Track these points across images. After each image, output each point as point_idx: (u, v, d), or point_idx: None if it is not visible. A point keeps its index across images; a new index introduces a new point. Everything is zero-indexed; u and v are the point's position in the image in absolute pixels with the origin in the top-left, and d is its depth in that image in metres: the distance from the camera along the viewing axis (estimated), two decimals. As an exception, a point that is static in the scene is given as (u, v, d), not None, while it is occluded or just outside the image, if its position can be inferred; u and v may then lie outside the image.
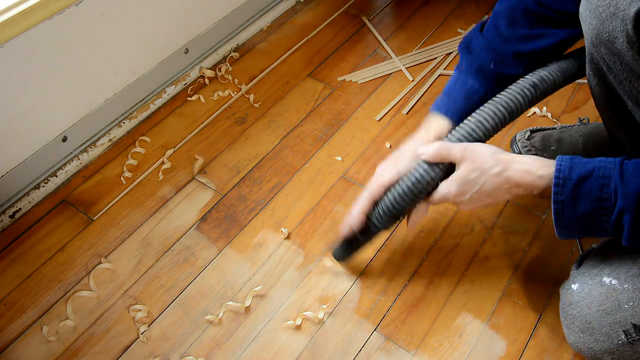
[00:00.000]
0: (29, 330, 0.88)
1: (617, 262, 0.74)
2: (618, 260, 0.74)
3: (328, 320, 0.89)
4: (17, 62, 0.90)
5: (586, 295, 0.75)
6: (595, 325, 0.74)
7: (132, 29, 1.07)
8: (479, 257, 0.95)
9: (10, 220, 1.00)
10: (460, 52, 0.87)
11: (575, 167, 0.68)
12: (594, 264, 0.77)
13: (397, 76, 1.23)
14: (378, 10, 1.39)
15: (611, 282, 0.73)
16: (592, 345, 0.75)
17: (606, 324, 0.73)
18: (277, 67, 1.26)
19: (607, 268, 0.74)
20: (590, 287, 0.75)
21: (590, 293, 0.74)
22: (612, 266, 0.74)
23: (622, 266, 0.73)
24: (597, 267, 0.76)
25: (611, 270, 0.74)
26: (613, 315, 0.72)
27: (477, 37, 0.85)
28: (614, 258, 0.75)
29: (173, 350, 0.86)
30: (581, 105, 1.16)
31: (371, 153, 1.10)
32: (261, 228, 0.99)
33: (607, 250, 0.77)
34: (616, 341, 0.73)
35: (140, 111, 1.15)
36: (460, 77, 0.85)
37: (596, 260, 0.77)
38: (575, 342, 0.78)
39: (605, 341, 0.74)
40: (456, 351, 0.85)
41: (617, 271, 0.73)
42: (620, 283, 0.72)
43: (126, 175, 1.06)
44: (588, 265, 0.77)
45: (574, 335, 0.77)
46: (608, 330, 0.73)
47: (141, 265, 0.95)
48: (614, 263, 0.74)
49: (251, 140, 1.12)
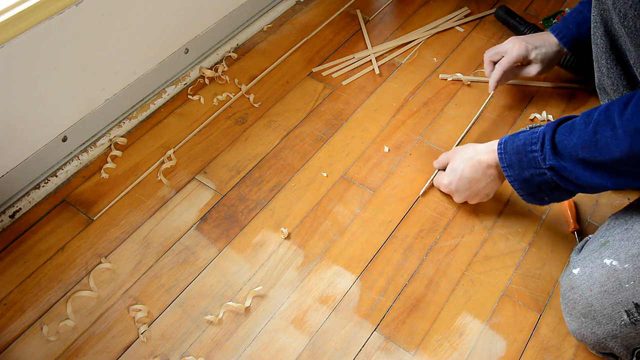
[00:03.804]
0: (29, 330, 0.88)
1: (617, 244, 0.75)
2: (618, 242, 0.75)
3: (328, 320, 0.89)
4: (17, 62, 0.90)
5: (587, 278, 0.75)
6: (597, 307, 0.74)
7: (132, 29, 1.07)
8: (479, 257, 0.95)
9: (10, 220, 1.00)
10: None
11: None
12: (594, 249, 0.78)
13: (398, 76, 1.23)
14: (378, 10, 1.39)
15: (612, 263, 0.74)
16: (595, 329, 0.75)
17: (608, 304, 0.73)
18: (277, 67, 1.26)
19: (607, 250, 0.75)
20: (592, 269, 0.76)
21: (592, 275, 0.75)
22: (612, 248, 0.75)
23: (622, 247, 0.74)
24: (597, 251, 0.77)
25: (611, 252, 0.75)
26: (615, 296, 0.73)
27: None
28: (614, 241, 0.76)
29: (173, 350, 0.86)
30: (581, 106, 1.16)
31: (371, 153, 1.10)
32: (261, 228, 0.99)
33: (607, 235, 0.78)
34: (619, 322, 0.73)
35: (140, 111, 1.15)
36: (578, 8, 1.04)
37: (596, 245, 0.78)
38: (578, 329, 0.78)
39: (608, 323, 0.74)
40: (456, 351, 0.85)
41: (617, 252, 0.74)
42: (620, 263, 0.73)
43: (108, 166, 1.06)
44: (588, 250, 0.79)
45: (577, 322, 0.77)
46: (610, 312, 0.73)
47: (141, 265, 0.95)
48: (614, 245, 0.75)
49: (251, 140, 1.12)
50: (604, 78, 0.92)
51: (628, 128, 0.68)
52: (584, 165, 0.74)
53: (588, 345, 0.80)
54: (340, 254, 0.96)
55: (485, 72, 1.13)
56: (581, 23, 1.03)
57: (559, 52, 1.07)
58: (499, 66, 1.08)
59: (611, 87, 0.91)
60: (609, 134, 0.70)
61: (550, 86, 1.20)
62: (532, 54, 1.06)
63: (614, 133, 0.69)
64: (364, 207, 1.02)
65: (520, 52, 1.06)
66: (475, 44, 1.30)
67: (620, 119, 0.69)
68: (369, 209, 1.01)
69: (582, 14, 1.03)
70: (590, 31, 0.97)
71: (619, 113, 0.69)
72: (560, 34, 1.05)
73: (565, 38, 1.05)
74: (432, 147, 1.10)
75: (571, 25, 1.04)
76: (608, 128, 0.70)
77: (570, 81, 1.20)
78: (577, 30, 1.04)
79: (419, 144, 1.11)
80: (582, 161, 0.74)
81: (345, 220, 1.00)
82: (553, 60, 1.09)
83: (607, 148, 0.70)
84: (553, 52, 1.07)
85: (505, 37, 1.31)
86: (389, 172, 1.07)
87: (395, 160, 1.08)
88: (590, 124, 0.72)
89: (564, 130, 0.76)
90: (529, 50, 1.06)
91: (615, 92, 0.91)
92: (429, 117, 1.15)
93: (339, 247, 0.97)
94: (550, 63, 1.09)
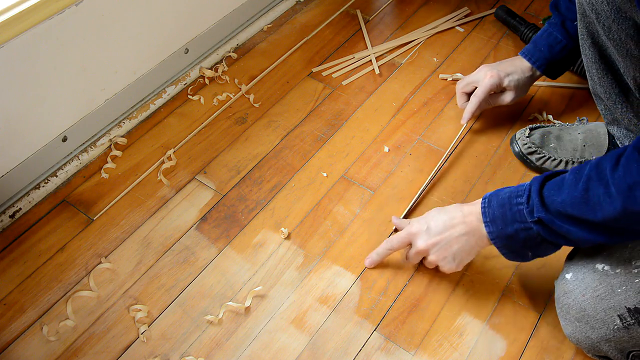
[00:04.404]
0: (29, 330, 0.88)
1: (608, 249, 0.75)
2: (610, 247, 0.75)
3: (328, 320, 0.89)
4: (17, 62, 0.90)
5: (580, 283, 0.76)
6: (590, 312, 0.74)
7: (132, 29, 1.07)
8: (479, 257, 0.95)
9: (10, 220, 1.00)
10: (551, 9, 1.04)
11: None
12: (586, 254, 0.78)
13: (398, 76, 1.23)
14: (378, 10, 1.39)
15: (604, 267, 0.74)
16: (589, 333, 0.76)
17: (601, 309, 0.73)
18: (277, 67, 1.26)
19: (599, 256, 0.76)
20: (584, 274, 0.76)
21: (584, 280, 0.75)
22: (603, 253, 0.75)
23: (614, 253, 0.74)
24: (590, 256, 0.77)
25: (603, 258, 0.75)
26: (607, 301, 0.73)
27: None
28: (606, 246, 0.76)
29: (173, 350, 0.86)
30: (581, 106, 1.16)
31: (371, 153, 1.10)
32: (261, 228, 0.99)
33: None
34: (612, 326, 0.73)
35: (140, 111, 1.16)
36: (547, 29, 1.03)
37: (588, 250, 0.78)
38: (573, 333, 0.78)
39: (601, 328, 0.74)
40: (456, 351, 0.85)
41: (609, 257, 0.74)
42: (612, 268, 0.73)
43: (108, 166, 1.06)
44: (580, 255, 0.79)
45: (571, 326, 0.78)
46: (603, 316, 0.73)
47: (141, 265, 0.95)
48: (605, 250, 0.75)
49: (251, 140, 1.12)
50: (596, 86, 0.92)
51: (621, 185, 0.65)
52: (573, 221, 0.70)
53: (583, 348, 0.80)
54: (340, 254, 0.96)
55: (459, 104, 1.12)
56: (553, 45, 1.02)
57: (531, 76, 1.06)
58: (474, 98, 1.06)
59: (604, 95, 0.91)
60: (602, 191, 0.67)
61: (550, 86, 1.20)
62: (505, 81, 1.05)
63: (606, 191, 0.66)
64: (364, 207, 1.02)
65: (493, 81, 1.04)
66: (475, 44, 1.30)
67: (612, 177, 0.66)
68: (369, 209, 1.01)
69: (552, 35, 1.02)
70: (562, 51, 1.02)
71: (611, 170, 0.66)
72: (533, 58, 1.04)
73: (538, 62, 1.04)
74: (432, 147, 1.10)
75: (542, 48, 1.03)
76: (601, 185, 0.67)
77: (570, 81, 1.20)
78: (550, 52, 1.03)
79: (419, 144, 1.11)
80: (571, 217, 0.70)
81: (345, 220, 1.00)
82: (527, 85, 1.07)
83: (600, 206, 0.67)
84: (525, 78, 1.06)
85: (506, 37, 1.31)
86: (389, 172, 1.07)
87: (395, 160, 1.08)
88: (581, 180, 0.69)
89: (552, 186, 0.72)
90: (502, 78, 1.05)
91: (609, 100, 0.91)
92: (429, 117, 1.15)
93: (339, 247, 0.97)
94: (524, 88, 1.07)
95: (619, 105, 0.91)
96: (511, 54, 1.26)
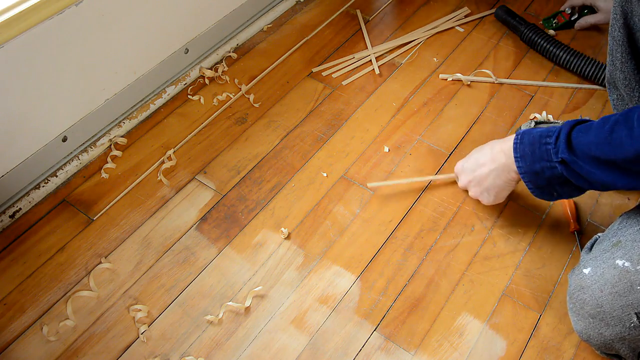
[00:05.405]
0: (29, 330, 0.88)
1: (629, 245, 0.74)
2: (631, 242, 0.74)
3: (328, 320, 0.89)
4: (17, 62, 0.90)
5: (599, 279, 0.75)
6: (607, 308, 0.74)
7: (132, 29, 1.07)
8: (479, 257, 0.95)
9: (10, 220, 1.00)
10: None
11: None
12: (606, 248, 0.77)
13: (398, 76, 1.23)
14: (378, 10, 1.39)
15: (624, 264, 0.73)
16: (602, 330, 0.75)
17: (618, 306, 0.73)
18: (277, 67, 1.26)
19: (619, 251, 0.75)
20: (603, 270, 0.75)
21: (603, 276, 0.74)
22: (624, 249, 0.74)
23: (635, 248, 0.73)
24: (609, 251, 0.76)
25: (624, 253, 0.74)
26: (625, 298, 0.72)
27: None
28: (626, 241, 0.75)
29: (173, 350, 0.86)
30: (581, 106, 1.16)
31: (371, 153, 1.10)
32: (261, 228, 0.99)
33: (619, 235, 0.78)
34: (628, 324, 0.72)
35: (140, 111, 1.16)
36: None
37: (608, 245, 0.77)
38: (585, 329, 0.77)
39: (616, 325, 0.74)
40: (456, 351, 0.85)
41: (630, 253, 0.73)
42: (633, 265, 0.72)
43: (108, 166, 1.06)
44: (599, 250, 0.78)
45: (584, 322, 0.77)
46: (620, 314, 0.73)
47: (141, 265, 0.95)
48: (626, 246, 0.75)
49: (251, 140, 1.12)
50: (616, 72, 0.91)
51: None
52: (595, 163, 0.73)
53: (593, 345, 0.79)
54: (340, 254, 0.96)
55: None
56: None
57: None
58: None
59: (623, 82, 0.90)
60: (625, 133, 0.70)
61: (550, 86, 1.20)
62: None
63: (630, 132, 0.69)
64: (364, 207, 1.02)
65: None
66: (475, 44, 1.30)
67: (638, 120, 0.69)
68: (369, 209, 1.01)
69: None
70: None
71: (639, 115, 0.69)
72: None
73: None
74: (432, 147, 1.10)
75: None
76: (625, 128, 0.70)
77: (570, 81, 1.20)
78: None
79: (419, 144, 1.11)
80: (594, 158, 0.73)
81: (345, 220, 1.00)
82: None
83: (621, 146, 0.70)
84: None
85: (505, 37, 1.31)
86: (389, 172, 1.07)
87: (395, 160, 1.08)
88: (608, 123, 0.72)
89: (581, 129, 0.76)
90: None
91: (626, 87, 0.90)
92: (429, 117, 1.15)
93: (339, 247, 0.97)
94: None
95: (637, 92, 0.90)
96: (511, 54, 1.26)
